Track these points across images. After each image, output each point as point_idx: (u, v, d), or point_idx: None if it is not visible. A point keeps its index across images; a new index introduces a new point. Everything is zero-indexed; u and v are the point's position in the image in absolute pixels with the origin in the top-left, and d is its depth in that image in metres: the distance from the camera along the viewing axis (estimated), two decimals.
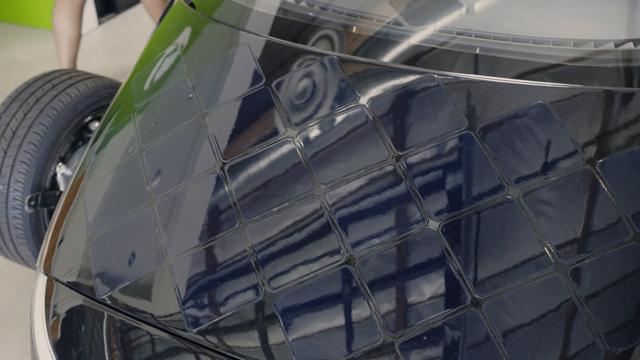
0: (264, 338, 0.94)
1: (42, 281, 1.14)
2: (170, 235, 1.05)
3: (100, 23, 4.04)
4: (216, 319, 0.96)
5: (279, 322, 0.93)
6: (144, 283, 1.03)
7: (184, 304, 0.99)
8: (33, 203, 1.69)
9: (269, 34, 1.27)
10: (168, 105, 1.24)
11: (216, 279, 0.99)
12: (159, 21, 1.54)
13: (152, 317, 1.00)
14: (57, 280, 1.12)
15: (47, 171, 1.73)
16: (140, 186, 1.14)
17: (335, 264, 0.95)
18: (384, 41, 1.20)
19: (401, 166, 1.01)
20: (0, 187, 1.67)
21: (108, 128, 1.31)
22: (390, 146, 1.03)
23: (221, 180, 1.08)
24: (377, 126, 1.06)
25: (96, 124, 1.87)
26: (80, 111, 1.79)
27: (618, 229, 0.91)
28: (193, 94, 1.22)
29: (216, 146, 1.12)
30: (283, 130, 1.10)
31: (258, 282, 0.97)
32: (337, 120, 1.09)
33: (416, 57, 1.16)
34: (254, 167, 1.08)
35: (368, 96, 1.09)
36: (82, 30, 2.89)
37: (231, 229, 1.02)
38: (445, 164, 1.00)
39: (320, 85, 1.14)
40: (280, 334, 0.92)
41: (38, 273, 1.16)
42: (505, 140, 1.00)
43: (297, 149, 1.07)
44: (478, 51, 1.14)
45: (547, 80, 1.07)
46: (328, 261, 0.96)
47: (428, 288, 0.91)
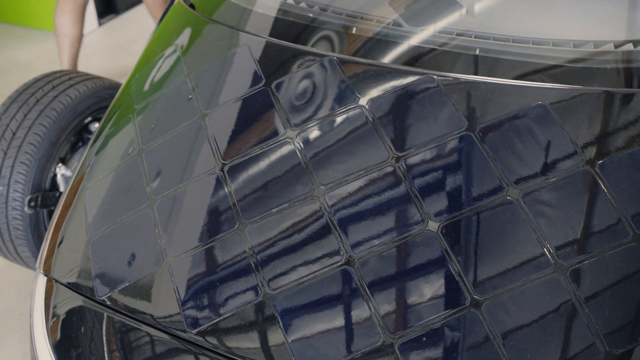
0: (264, 339, 0.94)
1: (42, 282, 1.14)
2: (169, 236, 1.05)
3: (100, 24, 4.04)
4: (215, 320, 0.96)
5: (279, 323, 0.93)
6: (144, 284, 1.03)
7: (184, 305, 0.99)
8: (33, 204, 1.69)
9: (269, 35, 1.27)
10: (168, 106, 1.24)
11: (216, 280, 0.99)
12: (159, 22, 1.54)
13: (152, 318, 1.00)
14: (57, 281, 1.12)
15: (47, 172, 1.73)
16: (140, 187, 1.14)
17: (334, 265, 0.95)
18: (384, 42, 1.20)
19: (401, 167, 1.01)
20: (0, 188, 1.67)
21: (108, 129, 1.31)
22: (389, 147, 1.03)
23: (221, 181, 1.08)
24: (377, 127, 1.06)
25: (96, 125, 1.87)
26: (80, 112, 1.79)
27: (618, 230, 0.91)
28: (193, 95, 1.22)
29: (216, 147, 1.12)
30: (283, 131, 1.10)
31: (257, 283, 0.97)
32: (337, 121, 1.09)
33: (416, 58, 1.16)
34: (254, 168, 1.08)
35: (368, 97, 1.09)
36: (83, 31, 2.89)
37: (231, 230, 1.02)
38: (444, 165, 1.00)
39: (320, 86, 1.14)
40: (279, 335, 0.92)
41: (38, 274, 1.16)
42: (504, 141, 1.00)
43: (297, 150, 1.07)
44: (478, 52, 1.14)
45: (547, 81, 1.07)
46: (327, 262, 0.96)
47: (427, 289, 0.91)
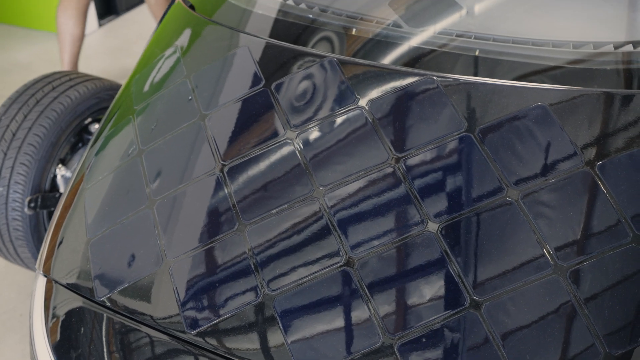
0: (263, 340, 0.94)
1: (42, 283, 1.14)
2: (169, 237, 1.05)
3: (100, 25, 4.05)
4: (215, 321, 0.96)
5: (278, 324, 0.93)
6: (143, 285, 1.03)
7: (183, 306, 0.98)
8: (33, 205, 1.69)
9: (269, 36, 1.27)
10: (167, 107, 1.24)
11: (215, 281, 0.99)
12: (159, 23, 1.54)
13: (151, 319, 1.00)
14: (57, 282, 1.12)
15: (47, 173, 1.73)
16: (139, 188, 1.13)
17: (334, 266, 0.95)
18: (384, 43, 1.20)
19: (400, 168, 1.01)
20: (0, 189, 1.67)
21: (108, 130, 1.31)
22: (389, 148, 1.03)
23: (220, 182, 1.08)
24: (377, 128, 1.06)
25: (96, 126, 1.87)
26: (80, 113, 1.79)
27: (617, 231, 0.91)
28: (192, 96, 1.22)
29: (215, 148, 1.12)
30: (282, 132, 1.10)
31: (257, 284, 0.96)
32: (337, 122, 1.09)
33: (415, 59, 1.16)
34: (253, 169, 1.08)
35: (367, 98, 1.09)
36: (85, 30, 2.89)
37: (230, 231, 1.02)
38: (444, 166, 1.00)
39: (319, 87, 1.14)
40: (279, 336, 0.92)
41: (37, 275, 1.16)
42: (504, 142, 1.00)
43: (297, 151, 1.07)
44: (477, 53, 1.14)
45: (547, 82, 1.07)
46: (327, 263, 0.96)
47: (427, 290, 0.91)
